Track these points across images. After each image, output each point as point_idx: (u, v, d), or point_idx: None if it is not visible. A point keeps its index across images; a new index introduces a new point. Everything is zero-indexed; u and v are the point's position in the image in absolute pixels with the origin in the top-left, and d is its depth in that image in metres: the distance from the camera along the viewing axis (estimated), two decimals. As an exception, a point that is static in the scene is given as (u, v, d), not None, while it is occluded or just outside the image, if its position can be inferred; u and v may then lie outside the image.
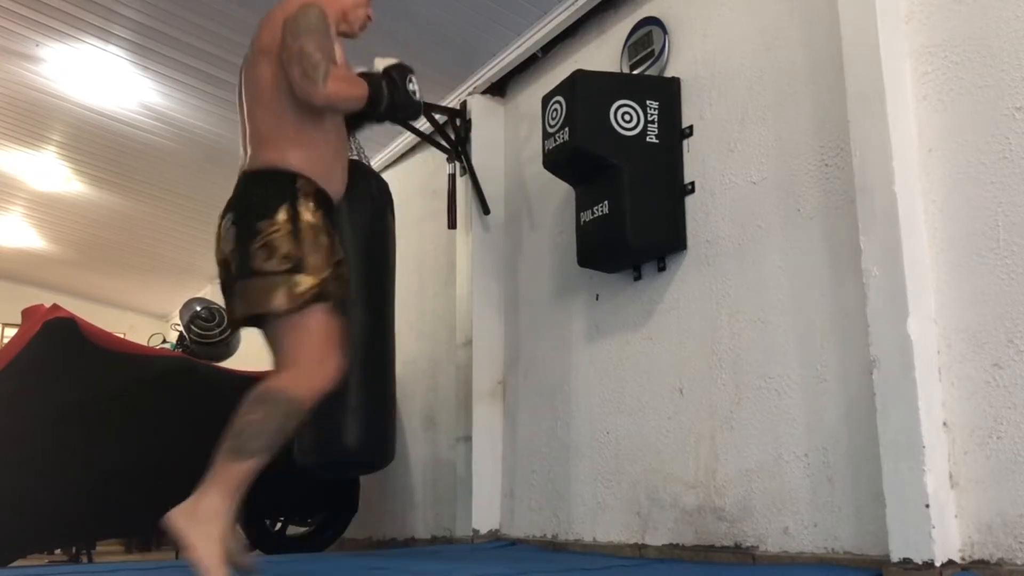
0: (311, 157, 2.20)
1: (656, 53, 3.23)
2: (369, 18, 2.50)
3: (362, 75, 2.33)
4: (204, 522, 1.92)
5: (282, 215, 2.09)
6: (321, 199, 2.18)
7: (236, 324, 2.25)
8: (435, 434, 4.31)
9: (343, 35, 2.41)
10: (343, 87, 2.19)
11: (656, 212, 2.98)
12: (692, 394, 2.89)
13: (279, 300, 2.05)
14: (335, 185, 2.29)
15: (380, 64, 2.41)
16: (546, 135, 3.15)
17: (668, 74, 3.16)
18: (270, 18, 2.27)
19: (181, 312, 5.33)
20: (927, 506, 2.02)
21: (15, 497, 3.46)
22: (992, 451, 2.03)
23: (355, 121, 2.57)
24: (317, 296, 2.09)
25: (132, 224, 6.69)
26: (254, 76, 2.25)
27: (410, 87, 2.37)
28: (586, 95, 3.00)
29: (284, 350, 2.08)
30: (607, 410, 3.25)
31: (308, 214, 2.12)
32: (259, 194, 2.16)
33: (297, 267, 2.06)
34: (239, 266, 2.09)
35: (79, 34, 4.11)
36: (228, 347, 5.10)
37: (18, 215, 6.81)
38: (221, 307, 5.31)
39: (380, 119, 2.47)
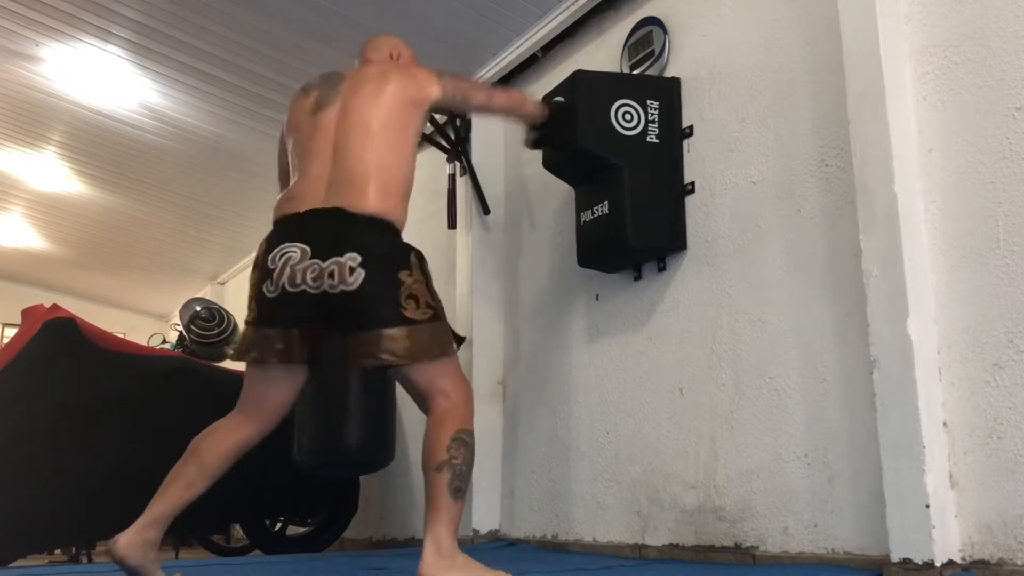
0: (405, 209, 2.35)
1: (656, 53, 3.23)
2: None
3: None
4: (459, 563, 2.09)
5: (415, 265, 2.24)
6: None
7: (374, 371, 2.31)
8: (435, 434, 4.30)
9: None
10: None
11: (656, 212, 2.98)
12: (692, 394, 2.89)
13: (437, 345, 2.22)
14: None
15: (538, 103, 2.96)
16: (546, 135, 3.15)
17: (668, 74, 3.16)
18: (404, 71, 2.44)
19: (181, 312, 5.34)
20: (927, 506, 2.02)
21: (15, 497, 3.46)
22: (992, 451, 2.03)
23: None
24: (456, 339, 2.30)
25: (132, 224, 6.68)
26: (392, 120, 2.34)
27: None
28: (586, 95, 2.99)
29: (441, 389, 2.21)
30: (607, 410, 3.25)
31: (426, 266, 2.29)
32: (391, 243, 2.25)
33: (438, 314, 2.24)
34: (385, 316, 2.15)
35: (79, 34, 4.11)
36: (228, 347, 5.10)
37: (18, 215, 6.81)
38: (221, 307, 5.33)
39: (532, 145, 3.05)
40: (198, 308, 5.23)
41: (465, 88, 2.60)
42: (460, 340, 2.34)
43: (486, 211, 3.96)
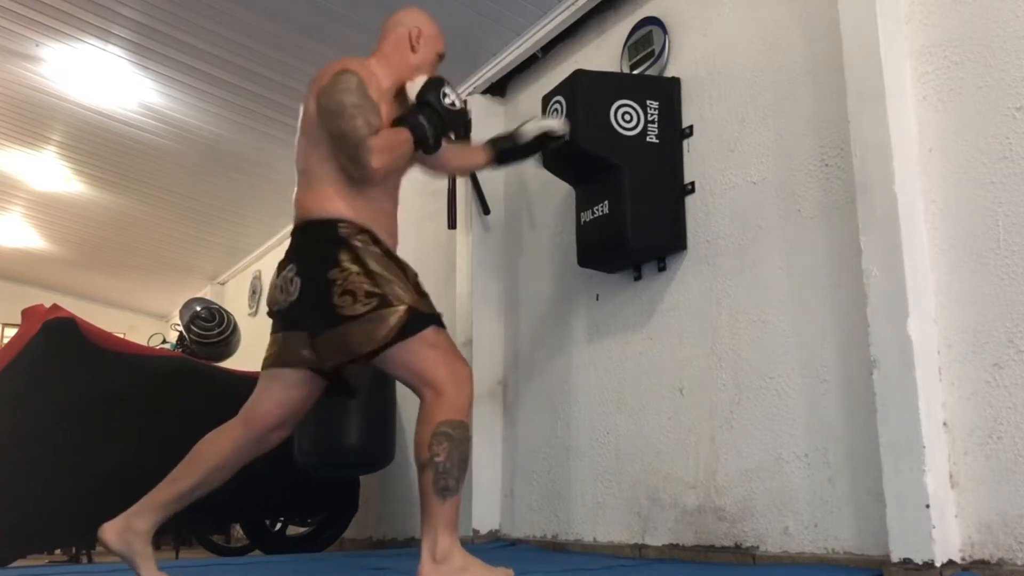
0: (354, 206, 2.23)
1: (656, 53, 3.23)
2: (441, 56, 2.53)
3: (397, 120, 2.29)
4: (457, 566, 2.05)
5: (347, 257, 2.14)
6: (371, 236, 2.21)
7: (338, 365, 2.25)
8: (435, 434, 4.30)
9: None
10: (387, 154, 2.18)
11: (656, 212, 2.98)
12: (692, 394, 2.89)
13: (382, 333, 2.10)
14: (384, 231, 2.28)
15: (411, 90, 2.34)
16: (546, 135, 3.15)
17: (668, 74, 3.16)
18: (319, 77, 2.31)
19: (181, 312, 5.34)
20: (927, 506, 2.02)
21: (15, 497, 3.46)
22: (992, 451, 2.03)
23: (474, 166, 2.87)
24: (417, 319, 2.14)
25: (132, 224, 6.69)
26: (307, 138, 2.29)
27: (446, 101, 2.32)
28: (586, 95, 2.99)
29: (427, 378, 2.13)
30: (607, 410, 3.25)
31: (367, 253, 2.17)
32: (319, 244, 2.20)
33: (385, 301, 2.11)
34: (327, 317, 2.12)
35: (79, 34, 4.11)
36: (228, 347, 5.11)
37: (18, 215, 6.81)
38: (221, 307, 5.33)
39: (434, 150, 2.37)
40: (198, 308, 5.23)
41: (328, 111, 2.32)
42: (429, 317, 2.19)
43: (486, 211, 3.96)
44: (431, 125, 2.28)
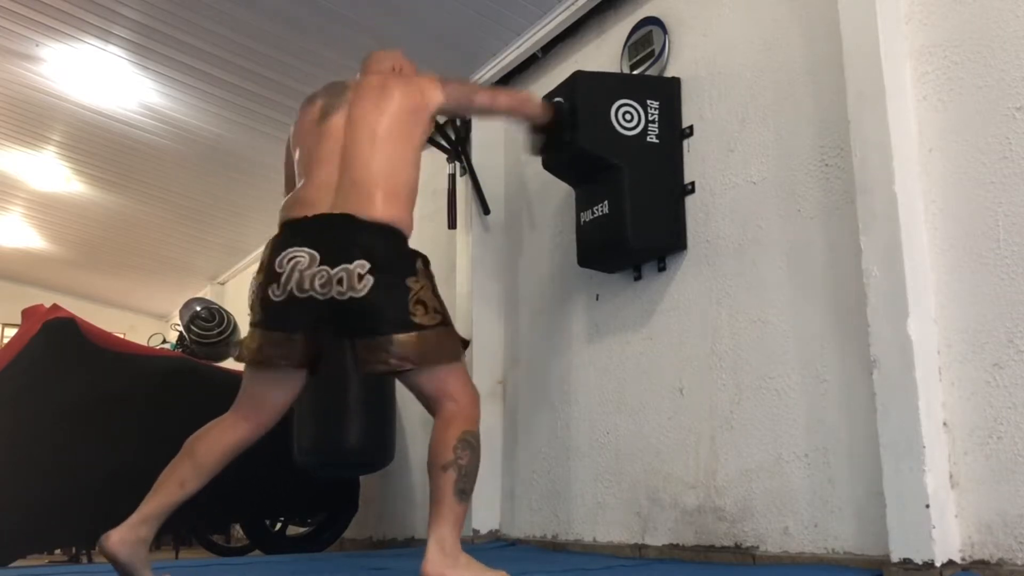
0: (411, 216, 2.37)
1: (656, 53, 3.23)
2: None
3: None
4: (462, 562, 2.10)
5: (422, 271, 2.26)
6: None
7: (380, 374, 2.32)
8: (435, 434, 4.29)
9: None
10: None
11: (656, 212, 2.98)
12: (692, 394, 2.89)
13: (451, 348, 2.26)
14: None
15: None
16: (546, 135, 3.15)
17: (668, 74, 3.16)
18: (407, 80, 2.47)
19: (181, 312, 5.34)
20: (927, 506, 2.02)
21: (15, 497, 3.46)
22: (992, 451, 2.03)
23: None
24: (464, 342, 2.34)
25: (132, 224, 6.68)
26: (397, 127, 2.36)
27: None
28: (586, 95, 2.99)
29: (449, 393, 2.23)
30: (607, 410, 3.25)
31: (428, 272, 2.30)
32: (399, 250, 2.27)
33: (445, 319, 2.26)
34: (398, 321, 2.17)
35: (79, 34, 4.11)
36: (228, 347, 5.10)
37: (18, 215, 6.81)
38: (221, 307, 5.33)
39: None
40: (198, 308, 5.23)
41: (468, 91, 2.65)
42: (465, 344, 2.36)
43: (486, 211, 3.96)
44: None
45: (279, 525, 4.62)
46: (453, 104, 2.55)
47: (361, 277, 2.14)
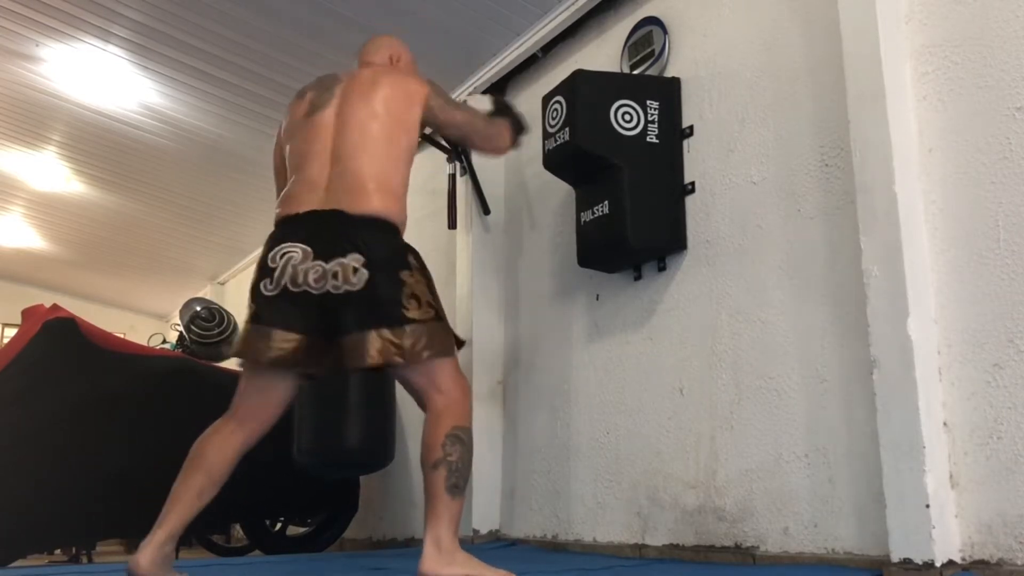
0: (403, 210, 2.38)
1: (656, 53, 3.23)
2: None
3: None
4: (459, 560, 2.10)
5: (415, 265, 2.26)
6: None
7: (373, 368, 2.26)
8: (435, 434, 4.29)
9: None
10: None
11: (656, 212, 2.98)
12: (692, 394, 2.89)
13: (445, 344, 2.24)
14: None
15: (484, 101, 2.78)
16: (546, 135, 3.15)
17: (668, 74, 3.16)
18: (394, 82, 2.45)
19: (181, 312, 5.34)
20: (927, 506, 2.02)
21: (15, 497, 3.46)
22: (992, 451, 2.03)
23: None
24: (456, 338, 2.32)
25: (132, 224, 6.68)
26: (388, 122, 2.37)
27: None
28: (586, 95, 2.99)
29: (438, 386, 2.23)
30: (607, 410, 3.25)
31: (424, 265, 2.30)
32: (392, 244, 2.28)
33: (439, 314, 2.25)
34: (391, 316, 2.17)
35: (79, 34, 4.11)
36: (228, 347, 5.10)
37: (18, 215, 6.81)
38: (221, 307, 5.33)
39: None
40: (198, 308, 5.23)
41: (450, 105, 2.60)
42: (460, 343, 2.35)
43: (486, 211, 3.96)
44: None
45: (279, 525, 4.62)
46: (435, 110, 2.50)
47: (356, 271, 2.15)
